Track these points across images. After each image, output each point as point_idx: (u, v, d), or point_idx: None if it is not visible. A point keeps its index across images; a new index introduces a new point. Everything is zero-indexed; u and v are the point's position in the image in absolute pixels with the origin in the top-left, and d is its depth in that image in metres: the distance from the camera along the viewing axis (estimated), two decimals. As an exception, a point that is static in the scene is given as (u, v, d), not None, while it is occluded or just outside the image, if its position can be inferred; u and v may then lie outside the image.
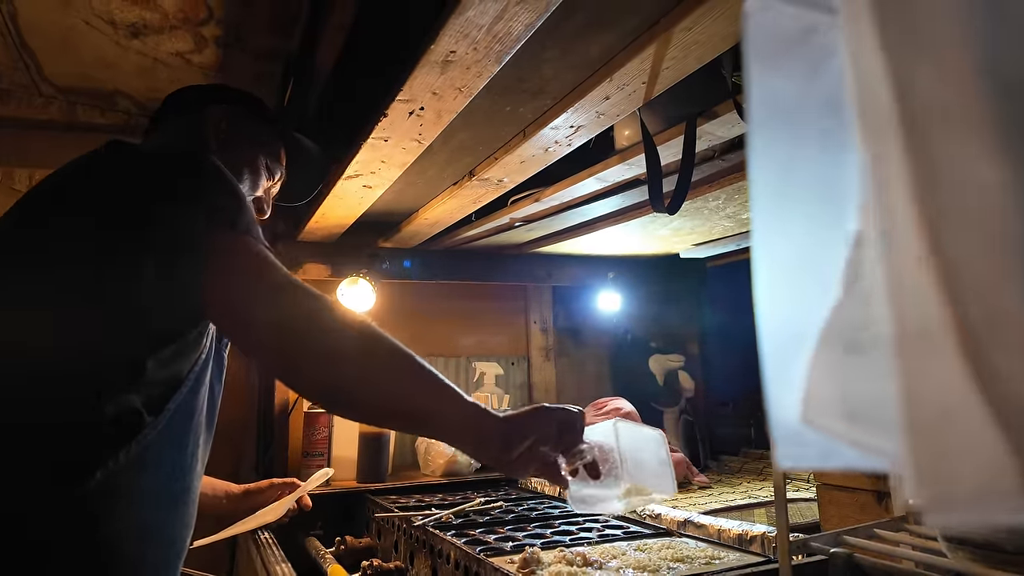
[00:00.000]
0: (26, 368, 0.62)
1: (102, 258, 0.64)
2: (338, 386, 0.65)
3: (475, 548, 0.96)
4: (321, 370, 0.64)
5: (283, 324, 0.64)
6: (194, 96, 0.94)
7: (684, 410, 2.00)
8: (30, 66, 1.37)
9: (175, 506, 0.70)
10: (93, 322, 0.64)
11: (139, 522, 0.65)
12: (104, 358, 0.64)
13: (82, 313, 0.64)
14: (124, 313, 0.64)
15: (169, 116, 0.92)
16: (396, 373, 0.66)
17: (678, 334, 2.14)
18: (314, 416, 1.48)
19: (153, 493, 0.66)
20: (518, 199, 1.38)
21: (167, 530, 0.69)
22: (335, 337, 0.64)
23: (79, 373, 0.63)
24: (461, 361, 1.88)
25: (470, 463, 1.57)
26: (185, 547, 0.74)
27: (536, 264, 1.90)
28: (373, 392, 0.65)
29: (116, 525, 0.63)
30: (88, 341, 0.63)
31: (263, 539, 1.20)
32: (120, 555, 0.63)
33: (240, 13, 1.21)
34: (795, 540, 0.77)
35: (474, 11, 0.66)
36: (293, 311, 0.64)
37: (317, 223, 1.51)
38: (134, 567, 0.65)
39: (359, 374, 0.64)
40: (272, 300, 0.64)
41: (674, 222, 1.51)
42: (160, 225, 0.65)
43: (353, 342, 0.65)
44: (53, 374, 0.62)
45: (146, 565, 0.66)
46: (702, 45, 0.74)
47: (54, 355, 0.62)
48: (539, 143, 1.04)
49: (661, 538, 1.03)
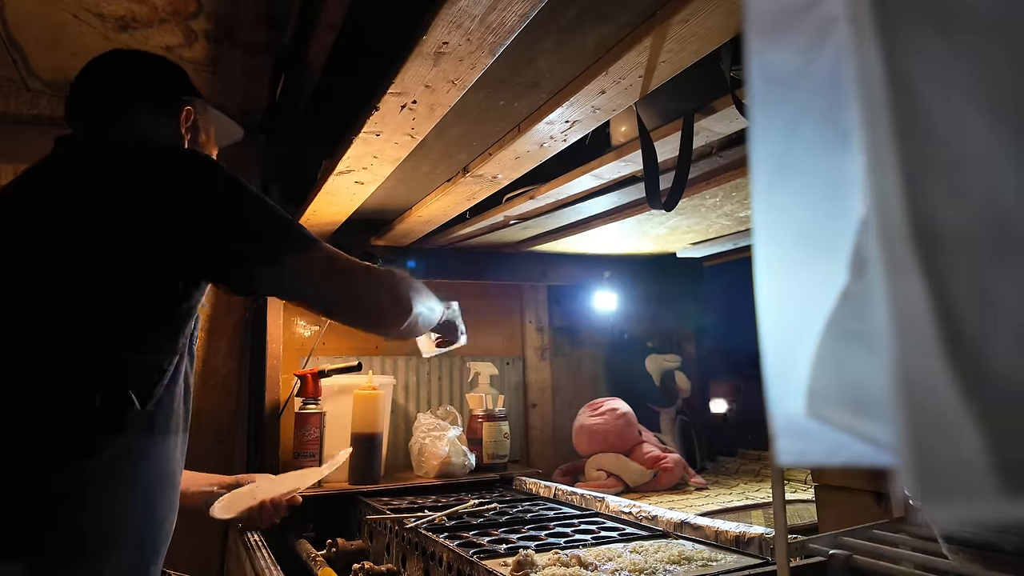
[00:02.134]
0: (41, 365, 0.69)
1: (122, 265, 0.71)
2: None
3: (468, 551, 0.94)
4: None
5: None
6: (156, 81, 0.93)
7: (680, 410, 1.99)
8: (17, 61, 1.35)
9: (163, 489, 0.76)
10: (120, 324, 0.71)
11: (134, 503, 0.72)
12: (113, 355, 0.71)
13: (107, 315, 0.71)
14: (150, 317, 0.73)
15: (139, 101, 0.91)
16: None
17: (675, 334, 2.13)
18: (305, 416, 1.46)
19: (145, 476, 0.73)
20: (513, 196, 1.36)
21: (158, 511, 0.76)
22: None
23: (89, 368, 0.69)
24: (455, 360, 1.86)
25: (464, 464, 1.56)
26: (172, 529, 0.80)
27: (531, 263, 1.88)
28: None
29: (116, 504, 0.70)
30: (105, 340, 0.71)
31: (253, 542, 1.18)
32: (120, 532, 0.70)
33: (230, 7, 1.20)
34: (793, 542, 0.76)
35: (467, 1, 0.65)
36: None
37: (308, 220, 1.49)
38: (132, 544, 0.72)
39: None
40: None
41: (671, 220, 1.50)
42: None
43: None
44: (66, 371, 0.69)
45: (143, 543, 0.74)
46: (699, 38, 0.73)
47: (69, 355, 0.69)
48: (534, 138, 1.02)
49: (657, 540, 1.02)
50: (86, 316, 0.70)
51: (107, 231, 0.71)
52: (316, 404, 1.49)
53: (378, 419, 1.53)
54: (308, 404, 1.48)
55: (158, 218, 0.72)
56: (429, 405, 1.81)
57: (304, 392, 1.49)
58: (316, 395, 1.49)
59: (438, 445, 1.55)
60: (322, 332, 1.70)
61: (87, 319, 0.70)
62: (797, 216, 0.26)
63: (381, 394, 1.54)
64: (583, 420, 1.78)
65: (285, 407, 1.59)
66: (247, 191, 0.77)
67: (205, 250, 0.74)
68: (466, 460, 1.56)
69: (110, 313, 0.70)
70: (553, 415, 1.94)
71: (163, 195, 0.73)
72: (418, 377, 1.82)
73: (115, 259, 0.70)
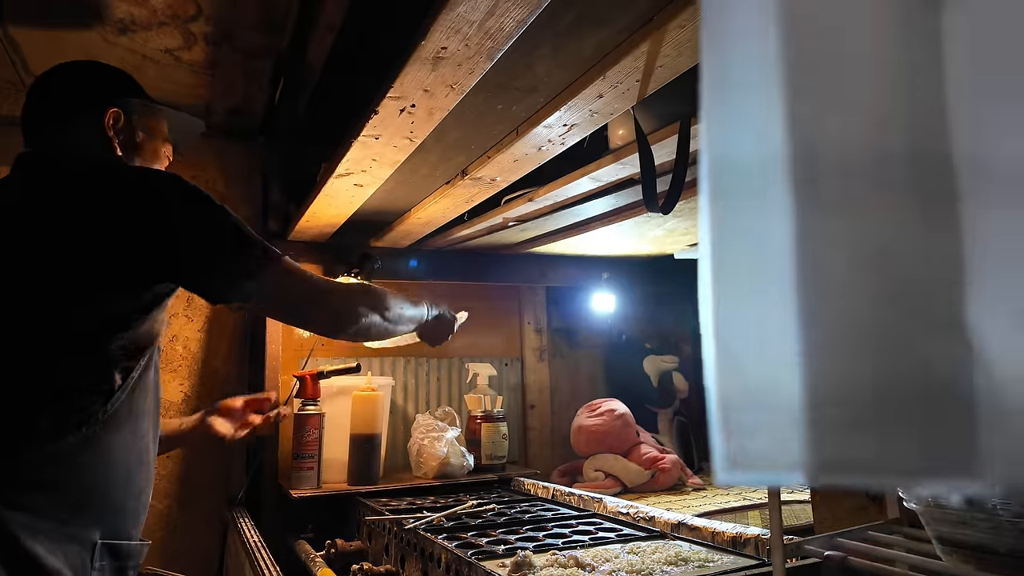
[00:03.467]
0: (41, 349, 0.79)
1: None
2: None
3: (467, 551, 0.95)
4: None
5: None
6: (77, 89, 0.94)
7: (678, 411, 2.00)
8: (16, 62, 1.35)
9: (139, 462, 0.86)
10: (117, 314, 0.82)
11: (116, 471, 0.82)
12: (111, 345, 0.81)
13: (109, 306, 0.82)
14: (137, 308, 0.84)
15: (63, 111, 0.93)
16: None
17: (672, 335, 2.13)
18: (304, 418, 1.47)
19: (123, 448, 0.83)
20: (511, 198, 1.37)
21: (135, 482, 0.85)
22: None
23: (86, 350, 0.80)
24: (454, 362, 1.86)
25: (463, 465, 1.56)
26: (148, 500, 0.89)
27: (530, 264, 1.89)
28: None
29: (99, 472, 0.80)
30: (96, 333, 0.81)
31: (252, 543, 1.18)
32: (105, 497, 0.81)
33: (229, 10, 1.20)
34: (789, 543, 0.76)
35: (465, 7, 0.65)
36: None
37: (308, 222, 1.50)
38: (115, 509, 0.82)
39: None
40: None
41: (668, 222, 1.51)
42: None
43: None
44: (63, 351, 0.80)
45: (126, 509, 0.84)
46: (696, 43, 0.74)
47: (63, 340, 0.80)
48: (532, 142, 1.03)
49: (655, 540, 1.02)
50: (78, 318, 0.81)
51: (76, 243, 0.80)
52: (315, 405, 1.49)
53: (377, 420, 1.53)
54: (307, 405, 1.48)
55: (123, 231, 0.81)
56: (428, 406, 1.81)
57: (303, 393, 1.49)
58: (315, 396, 1.49)
59: (437, 446, 1.56)
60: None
61: (79, 320, 0.81)
62: (745, 218, 0.27)
63: (380, 395, 1.55)
64: (581, 421, 1.78)
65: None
66: (214, 205, 0.85)
67: (180, 262, 0.84)
68: (464, 461, 1.56)
69: (100, 315, 0.81)
70: (551, 416, 1.94)
71: (130, 210, 0.82)
72: (417, 378, 1.82)
73: (87, 270, 0.80)
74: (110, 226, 0.80)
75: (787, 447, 0.23)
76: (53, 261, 0.80)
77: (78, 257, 0.79)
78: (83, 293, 0.79)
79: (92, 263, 0.79)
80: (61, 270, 0.79)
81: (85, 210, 0.81)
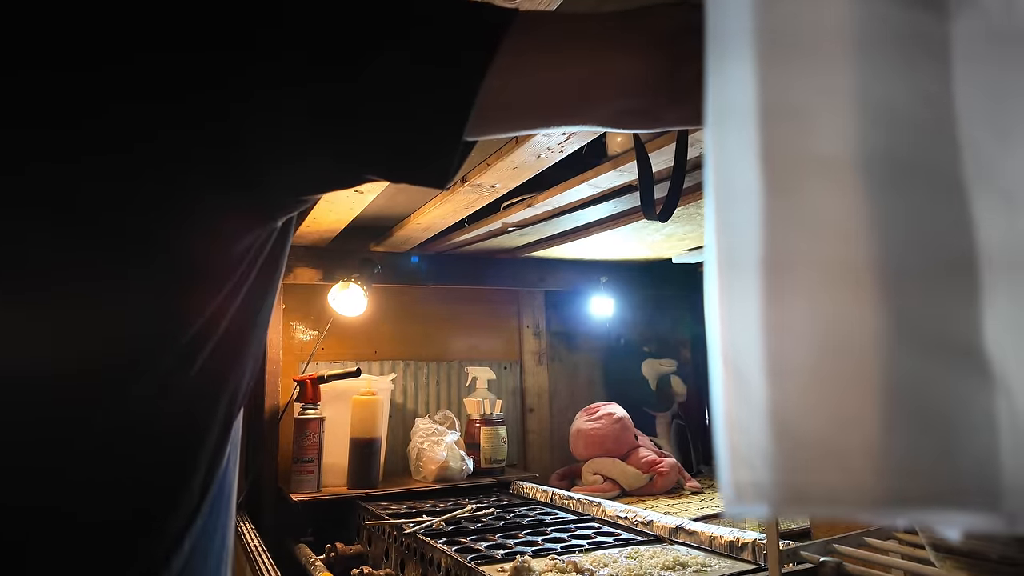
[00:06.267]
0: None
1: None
2: None
3: (466, 556, 0.95)
4: None
5: None
6: None
7: (676, 415, 2.01)
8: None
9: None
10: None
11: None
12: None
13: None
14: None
15: None
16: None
17: (671, 339, 2.14)
18: (304, 422, 1.47)
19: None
20: (511, 204, 1.37)
21: None
22: None
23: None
24: (453, 365, 1.87)
25: (462, 469, 1.57)
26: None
27: (529, 268, 1.90)
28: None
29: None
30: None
31: (253, 546, 1.19)
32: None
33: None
34: (785, 548, 0.77)
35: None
36: None
37: (308, 228, 1.50)
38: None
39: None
40: None
41: (667, 227, 1.52)
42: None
43: None
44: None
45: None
46: (693, 54, 0.74)
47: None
48: (532, 149, 1.04)
49: (652, 545, 1.03)
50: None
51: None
52: (315, 409, 1.50)
53: (376, 424, 1.54)
54: (307, 409, 1.49)
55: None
56: (427, 410, 1.82)
57: (303, 397, 1.50)
58: (315, 400, 1.50)
59: (436, 450, 1.56)
60: (321, 337, 1.71)
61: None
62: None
63: (379, 399, 1.55)
64: (580, 424, 1.79)
65: (284, 413, 1.60)
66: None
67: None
68: (464, 465, 1.57)
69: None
70: (550, 419, 1.95)
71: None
72: (416, 382, 1.83)
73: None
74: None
75: (805, 479, 0.22)
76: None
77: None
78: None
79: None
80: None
81: None
